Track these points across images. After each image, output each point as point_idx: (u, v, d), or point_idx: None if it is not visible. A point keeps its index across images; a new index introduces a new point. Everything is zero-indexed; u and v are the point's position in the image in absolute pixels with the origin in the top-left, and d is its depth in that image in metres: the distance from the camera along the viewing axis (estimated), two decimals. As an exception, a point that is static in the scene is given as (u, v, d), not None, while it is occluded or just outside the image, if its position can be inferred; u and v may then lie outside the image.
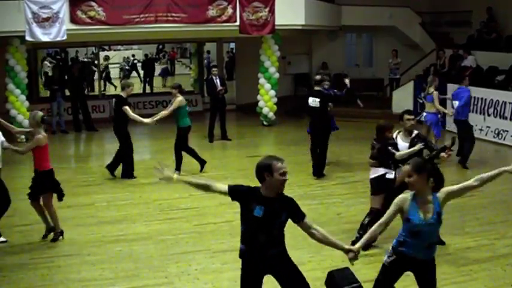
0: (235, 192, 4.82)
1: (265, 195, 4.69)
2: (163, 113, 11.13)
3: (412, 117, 7.37)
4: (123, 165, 11.05)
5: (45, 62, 23.15)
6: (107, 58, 26.32)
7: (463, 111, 11.52)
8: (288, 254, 4.84)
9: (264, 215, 4.62)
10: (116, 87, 24.32)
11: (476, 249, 7.38)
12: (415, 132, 7.41)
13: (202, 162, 11.44)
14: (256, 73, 16.89)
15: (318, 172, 10.91)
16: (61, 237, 7.83)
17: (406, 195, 4.80)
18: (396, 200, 4.80)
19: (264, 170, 4.69)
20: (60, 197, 7.91)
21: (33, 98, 16.46)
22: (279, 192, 4.69)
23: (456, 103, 11.60)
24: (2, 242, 7.75)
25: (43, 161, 7.62)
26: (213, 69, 14.71)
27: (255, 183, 4.89)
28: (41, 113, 7.69)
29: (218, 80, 14.39)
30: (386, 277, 4.93)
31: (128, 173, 11.01)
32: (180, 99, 11.04)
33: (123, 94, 10.79)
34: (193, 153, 11.40)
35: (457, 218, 8.58)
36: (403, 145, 7.29)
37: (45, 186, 7.70)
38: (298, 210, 4.72)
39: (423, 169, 4.70)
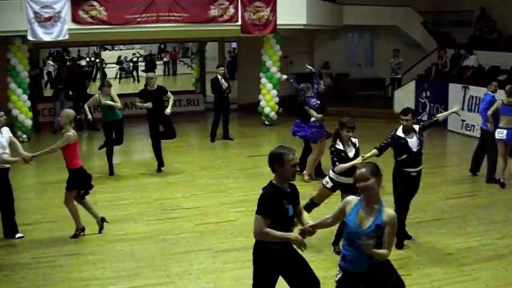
0: (271, 211, 4.63)
1: (283, 188, 4.70)
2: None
3: (407, 117, 7.28)
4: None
5: (49, 62, 23.20)
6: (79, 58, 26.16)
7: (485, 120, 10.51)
8: None
9: (294, 211, 4.69)
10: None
11: (478, 248, 7.37)
12: (417, 127, 7.35)
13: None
14: (258, 73, 16.88)
15: None
16: (82, 233, 7.94)
17: (353, 198, 4.54)
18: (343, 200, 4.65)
19: (276, 160, 4.68)
20: (85, 193, 8.02)
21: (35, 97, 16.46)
22: (289, 181, 4.74)
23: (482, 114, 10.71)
24: (19, 237, 7.85)
25: (73, 158, 7.80)
26: (219, 68, 14.71)
27: (255, 182, 4.92)
28: (73, 112, 7.91)
29: (223, 80, 14.41)
30: None
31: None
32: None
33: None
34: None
35: (458, 217, 8.59)
36: (410, 141, 7.24)
37: (74, 184, 7.83)
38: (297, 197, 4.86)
39: (379, 173, 4.42)
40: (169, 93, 11.48)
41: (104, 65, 26.95)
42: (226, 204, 9.33)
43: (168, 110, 11.19)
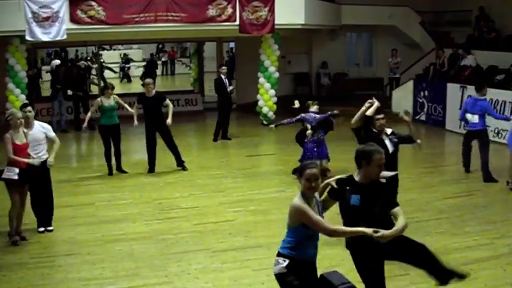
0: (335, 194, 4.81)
1: (360, 182, 4.73)
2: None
3: (382, 116, 7.30)
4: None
5: (56, 61, 23.17)
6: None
7: (478, 122, 10.57)
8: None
9: (362, 203, 4.63)
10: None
11: (476, 248, 7.38)
12: (389, 130, 7.37)
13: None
14: (256, 72, 16.89)
15: None
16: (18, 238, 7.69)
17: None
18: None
19: (363, 158, 4.73)
20: None
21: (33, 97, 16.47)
22: (373, 180, 4.73)
23: (475, 117, 10.51)
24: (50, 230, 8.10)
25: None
26: (222, 68, 14.73)
27: (253, 182, 4.92)
28: (20, 115, 7.59)
29: (227, 80, 14.44)
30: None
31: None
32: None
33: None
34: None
35: (456, 217, 8.59)
36: (386, 141, 7.24)
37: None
38: (392, 198, 4.80)
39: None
40: (167, 101, 11.35)
41: (103, 66, 26.99)
42: (225, 204, 9.33)
43: (169, 121, 11.12)
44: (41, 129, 7.87)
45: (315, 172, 4.46)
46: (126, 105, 11.39)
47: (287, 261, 4.54)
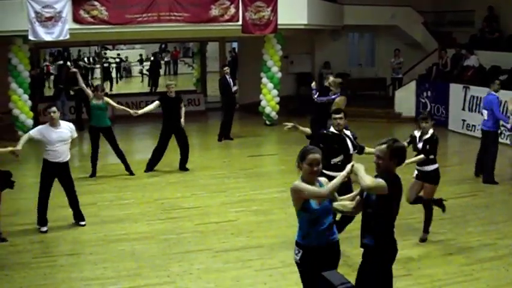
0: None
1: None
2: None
3: (340, 116, 7.25)
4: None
5: (59, 62, 23.27)
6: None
7: (488, 120, 10.54)
8: (375, 258, 4.73)
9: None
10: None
11: (479, 248, 7.37)
12: (348, 132, 7.40)
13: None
14: (259, 72, 16.89)
15: None
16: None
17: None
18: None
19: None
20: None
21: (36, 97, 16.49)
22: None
23: (485, 113, 10.55)
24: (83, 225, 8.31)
25: None
26: (225, 68, 14.75)
27: (255, 182, 4.92)
28: None
29: (231, 80, 14.47)
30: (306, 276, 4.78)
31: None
32: None
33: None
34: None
35: (459, 217, 8.59)
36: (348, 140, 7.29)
37: None
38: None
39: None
40: (182, 103, 11.58)
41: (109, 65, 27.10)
42: (227, 204, 9.34)
43: (182, 120, 11.28)
44: (68, 129, 8.09)
45: (317, 157, 4.60)
46: (115, 104, 11.30)
47: (301, 252, 4.72)
